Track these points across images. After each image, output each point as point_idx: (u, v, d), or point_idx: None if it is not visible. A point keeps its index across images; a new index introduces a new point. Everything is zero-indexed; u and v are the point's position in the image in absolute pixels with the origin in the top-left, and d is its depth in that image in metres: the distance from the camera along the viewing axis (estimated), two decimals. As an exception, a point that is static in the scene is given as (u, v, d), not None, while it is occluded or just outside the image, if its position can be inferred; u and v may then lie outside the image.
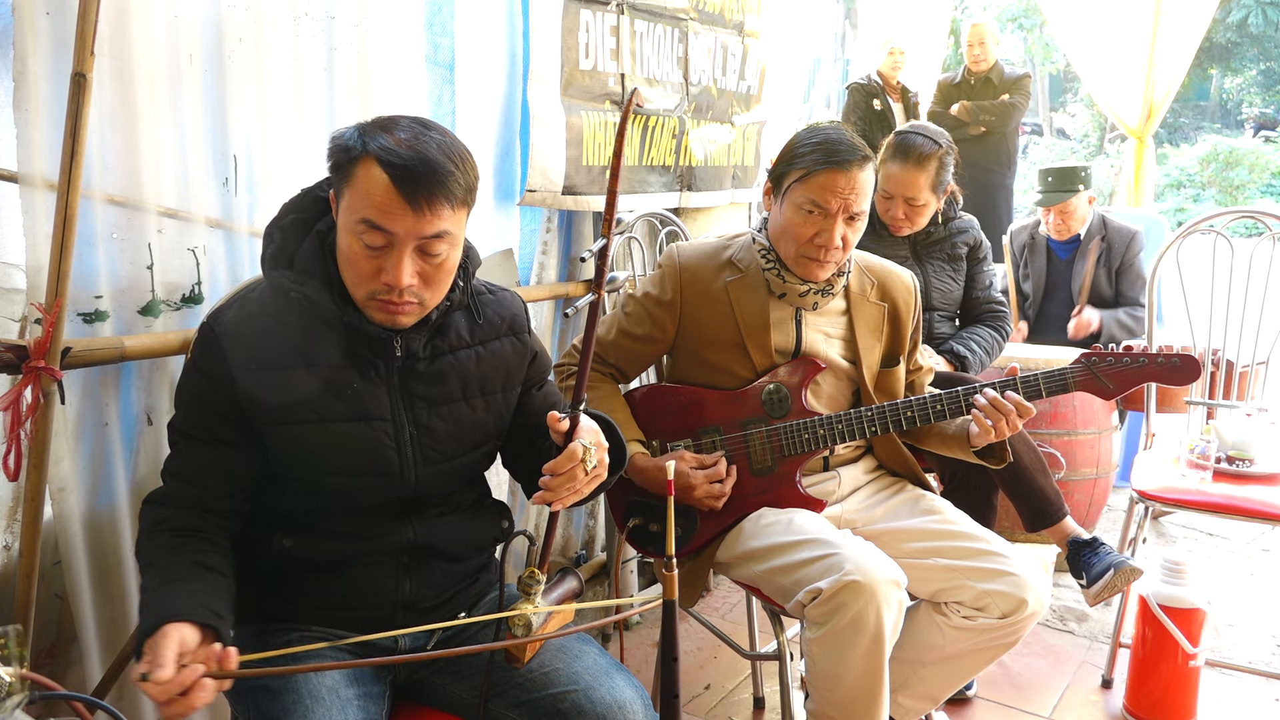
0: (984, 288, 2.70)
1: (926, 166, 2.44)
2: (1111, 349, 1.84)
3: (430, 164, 1.21)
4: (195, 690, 1.07)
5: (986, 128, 5.46)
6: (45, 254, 1.40)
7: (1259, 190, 14.26)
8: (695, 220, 2.97)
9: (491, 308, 1.46)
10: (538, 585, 1.26)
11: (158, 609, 1.14)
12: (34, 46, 1.39)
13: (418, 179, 1.20)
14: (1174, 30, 5.48)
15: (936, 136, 2.49)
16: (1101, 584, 2.07)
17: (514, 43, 2.28)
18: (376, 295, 1.27)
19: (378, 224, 1.22)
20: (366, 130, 1.24)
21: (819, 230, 1.79)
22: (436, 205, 1.22)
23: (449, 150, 1.25)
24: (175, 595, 1.17)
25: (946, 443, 1.93)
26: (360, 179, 1.22)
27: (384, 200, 1.21)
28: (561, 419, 1.26)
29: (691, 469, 1.84)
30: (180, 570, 1.22)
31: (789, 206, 1.82)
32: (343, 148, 1.25)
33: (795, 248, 1.83)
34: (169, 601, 1.15)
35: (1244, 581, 3.21)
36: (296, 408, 1.30)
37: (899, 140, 2.49)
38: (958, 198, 2.68)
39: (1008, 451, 1.86)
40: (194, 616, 1.13)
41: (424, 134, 1.24)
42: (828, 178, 1.77)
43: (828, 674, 1.67)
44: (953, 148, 2.52)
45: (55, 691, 1.00)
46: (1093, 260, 3.56)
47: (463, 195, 1.26)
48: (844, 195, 1.77)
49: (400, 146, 1.21)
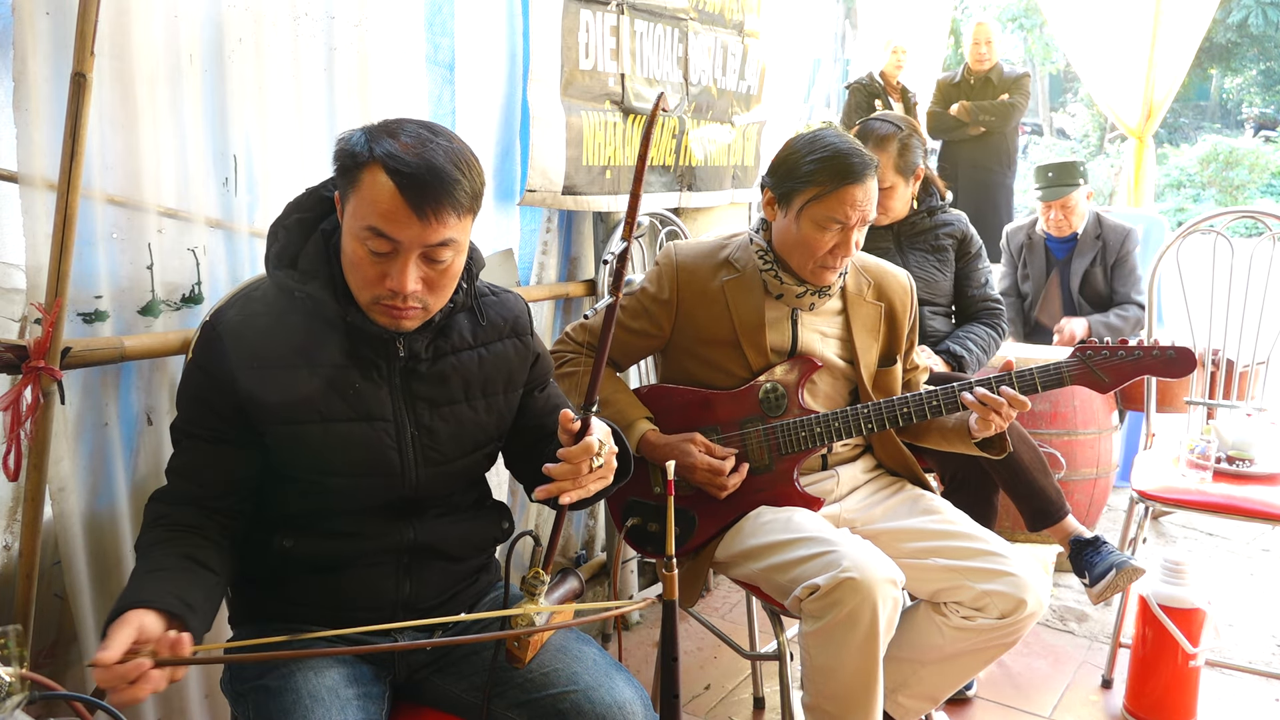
0: (979, 285, 2.70)
1: (887, 148, 2.47)
2: (1107, 342, 1.84)
3: (437, 172, 1.21)
4: (142, 679, 1.05)
5: (986, 128, 5.46)
6: (45, 254, 1.40)
7: (1259, 190, 14.26)
8: (695, 220, 2.97)
9: (494, 309, 1.46)
10: (542, 585, 1.26)
11: (127, 595, 1.14)
12: (34, 46, 1.39)
13: (425, 188, 1.20)
14: (1174, 30, 5.48)
15: (896, 121, 2.52)
16: (1104, 584, 2.07)
17: (514, 43, 2.28)
18: (381, 300, 1.27)
19: (384, 232, 1.22)
20: (373, 135, 1.23)
21: (839, 243, 1.81)
22: (443, 214, 1.21)
23: (456, 157, 1.24)
24: (149, 583, 1.16)
25: (947, 437, 1.93)
26: (367, 185, 1.22)
27: (390, 208, 1.20)
28: (575, 420, 1.26)
29: (699, 451, 1.85)
30: (165, 561, 1.21)
31: (807, 224, 1.81)
32: (349, 153, 1.24)
33: (813, 261, 1.83)
34: (141, 588, 1.15)
35: (1244, 581, 3.21)
36: (298, 407, 1.30)
37: (860, 129, 2.53)
38: (939, 187, 2.69)
39: (1007, 442, 1.87)
40: (160, 604, 1.12)
41: (431, 140, 1.23)
42: (846, 194, 1.77)
43: (823, 668, 1.68)
44: (915, 131, 2.53)
45: (55, 691, 1.00)
46: (1093, 259, 3.56)
47: (469, 203, 1.25)
48: (862, 207, 1.79)
49: (407, 154, 1.20)
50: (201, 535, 1.27)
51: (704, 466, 1.84)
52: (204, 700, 1.75)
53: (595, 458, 1.26)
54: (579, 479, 1.26)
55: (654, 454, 1.87)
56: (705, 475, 1.85)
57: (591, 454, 1.25)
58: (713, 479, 1.85)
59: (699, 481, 1.86)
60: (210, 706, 1.75)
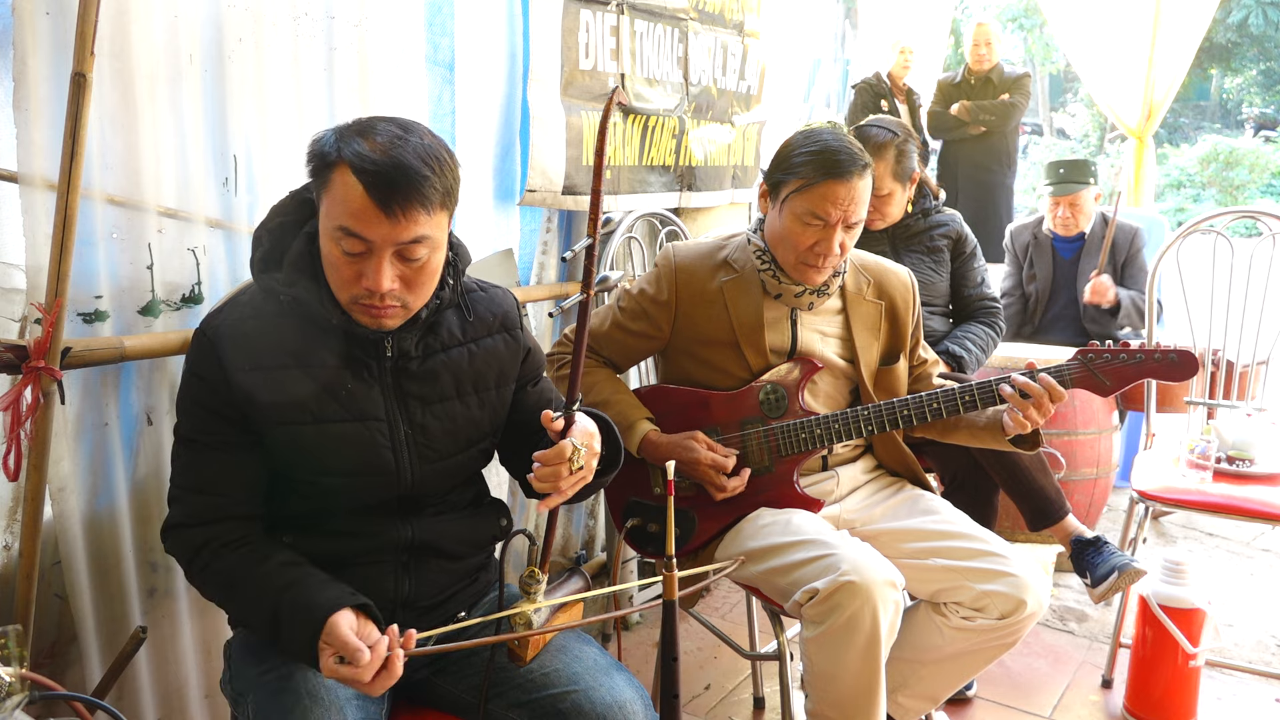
0: (975, 285, 2.70)
1: (884, 155, 2.48)
2: (1109, 345, 1.84)
3: (404, 169, 1.20)
4: (393, 661, 1.15)
5: (986, 127, 5.46)
6: (45, 254, 1.40)
7: (1259, 190, 14.25)
8: (695, 220, 2.97)
9: (483, 305, 1.46)
10: (538, 585, 1.26)
11: (303, 610, 1.19)
12: (34, 46, 1.39)
13: (391, 185, 1.19)
14: (1174, 30, 5.48)
15: (891, 126, 2.53)
16: (1106, 585, 2.07)
17: (514, 43, 2.28)
18: (359, 300, 1.27)
19: (354, 231, 1.22)
20: (343, 135, 1.23)
21: (818, 240, 1.79)
22: (412, 211, 1.21)
23: (425, 154, 1.23)
24: (308, 592, 1.22)
25: (977, 435, 1.91)
26: (336, 186, 1.22)
27: (359, 208, 1.20)
28: (556, 418, 1.27)
29: (702, 447, 1.85)
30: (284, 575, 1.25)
31: (788, 216, 1.81)
32: (320, 154, 1.24)
33: (794, 255, 1.82)
34: (309, 600, 1.20)
35: (1244, 581, 3.21)
36: (292, 409, 1.30)
37: (856, 134, 2.51)
38: (933, 189, 2.69)
39: (1041, 437, 1.85)
40: (345, 602, 1.19)
41: (400, 138, 1.23)
42: (828, 189, 1.76)
43: (824, 673, 1.67)
44: (911, 136, 2.54)
45: (55, 691, 1.00)
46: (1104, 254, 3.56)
47: (440, 199, 1.24)
48: (844, 206, 1.76)
49: (374, 152, 1.20)
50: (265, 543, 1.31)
51: (708, 462, 1.84)
52: (204, 700, 1.75)
53: (573, 461, 1.27)
54: (558, 483, 1.27)
55: (656, 453, 1.87)
56: (708, 471, 1.84)
57: (565, 458, 1.26)
58: (715, 476, 1.84)
59: (702, 477, 1.86)
60: (210, 706, 1.75)
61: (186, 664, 1.71)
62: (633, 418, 1.89)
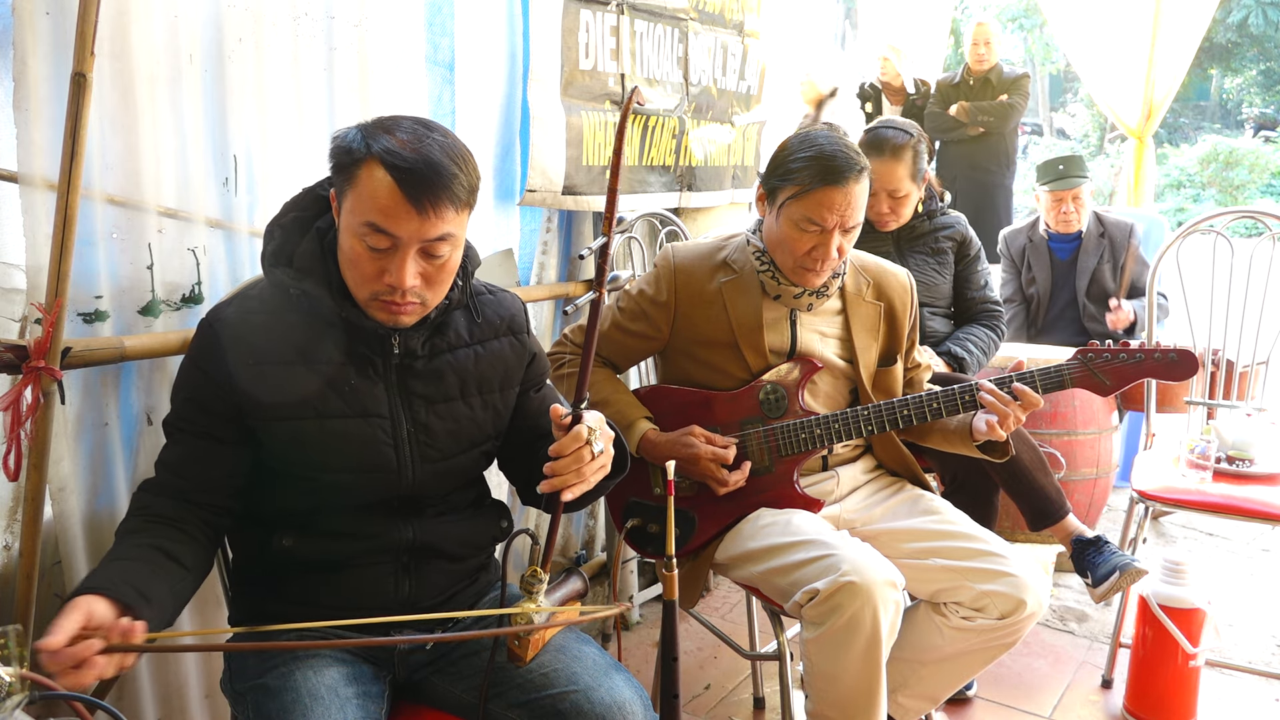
0: (978, 287, 2.70)
1: (902, 157, 2.45)
2: (1108, 345, 1.84)
3: (435, 167, 1.21)
4: (87, 664, 1.03)
5: (985, 128, 5.46)
6: (45, 254, 1.40)
7: (1259, 190, 14.26)
8: (695, 220, 2.97)
9: (491, 308, 1.46)
10: (540, 584, 1.26)
11: (85, 581, 1.13)
12: (34, 46, 1.39)
13: (422, 182, 1.20)
14: (1174, 30, 5.48)
15: (906, 127, 2.51)
16: (1108, 585, 2.07)
17: (514, 43, 2.28)
18: (379, 296, 1.27)
19: (382, 227, 1.22)
20: (369, 131, 1.24)
21: (816, 245, 1.79)
22: (441, 208, 1.22)
23: (452, 152, 1.25)
24: (108, 571, 1.15)
25: (949, 439, 1.92)
26: (364, 181, 1.22)
27: (389, 203, 1.21)
28: (565, 415, 1.26)
29: (701, 441, 1.84)
30: (131, 551, 1.21)
31: (785, 221, 1.81)
32: (345, 149, 1.24)
33: (792, 260, 1.82)
34: (98, 575, 1.14)
35: (1244, 581, 3.21)
36: (295, 404, 1.30)
37: (870, 137, 2.50)
38: (939, 190, 2.68)
39: (1010, 446, 1.85)
40: (113, 593, 1.10)
41: (427, 135, 1.24)
42: (824, 195, 1.75)
43: (825, 674, 1.67)
44: (923, 136, 2.53)
45: (55, 691, 0.99)
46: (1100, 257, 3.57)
47: (465, 197, 1.26)
48: (840, 211, 1.76)
49: (404, 149, 1.21)
50: (178, 528, 1.26)
51: (708, 455, 1.83)
52: (204, 700, 1.75)
53: (593, 444, 1.25)
54: (581, 469, 1.25)
55: (655, 452, 1.87)
56: (709, 465, 1.84)
57: (582, 441, 1.24)
58: (716, 470, 1.84)
59: (702, 472, 1.85)
60: (210, 706, 1.75)
61: (186, 664, 1.71)
62: (631, 417, 1.89)
